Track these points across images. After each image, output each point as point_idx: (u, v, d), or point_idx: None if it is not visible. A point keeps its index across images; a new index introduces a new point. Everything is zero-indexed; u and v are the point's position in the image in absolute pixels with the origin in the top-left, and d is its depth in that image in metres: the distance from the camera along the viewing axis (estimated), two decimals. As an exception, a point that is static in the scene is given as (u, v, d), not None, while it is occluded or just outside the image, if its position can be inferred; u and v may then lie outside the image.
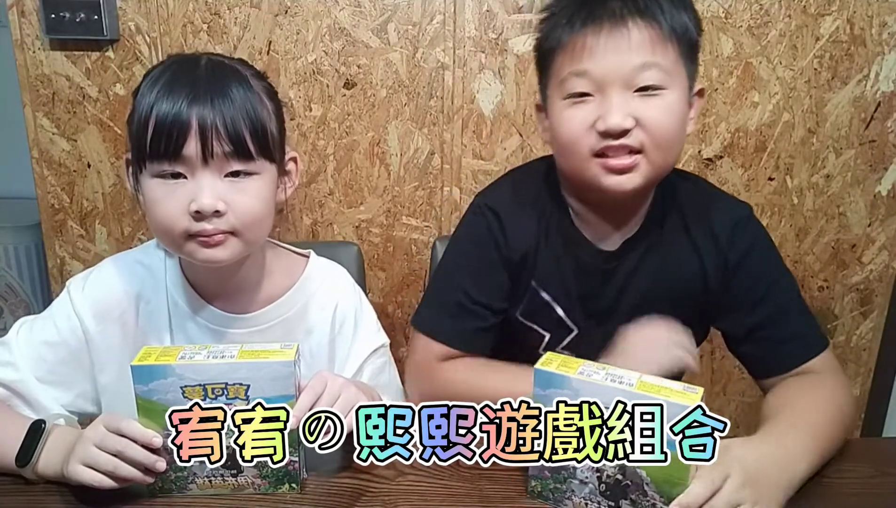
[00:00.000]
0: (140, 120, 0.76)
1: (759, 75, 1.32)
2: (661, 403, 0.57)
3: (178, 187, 0.77)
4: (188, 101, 0.75)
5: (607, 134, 0.75)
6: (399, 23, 1.28)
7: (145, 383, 0.64)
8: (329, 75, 1.30)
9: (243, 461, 0.63)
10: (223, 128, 0.75)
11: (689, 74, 0.79)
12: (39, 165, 1.35)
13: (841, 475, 0.74)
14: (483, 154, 1.35)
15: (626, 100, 0.75)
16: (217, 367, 0.65)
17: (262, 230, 0.84)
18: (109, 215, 1.38)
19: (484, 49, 1.29)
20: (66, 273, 1.42)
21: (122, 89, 1.31)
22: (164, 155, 0.75)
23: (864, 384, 1.51)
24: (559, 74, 0.79)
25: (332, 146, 1.34)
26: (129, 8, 1.27)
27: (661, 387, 0.60)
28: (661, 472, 0.59)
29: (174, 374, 0.64)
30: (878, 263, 1.44)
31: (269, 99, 0.83)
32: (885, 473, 0.75)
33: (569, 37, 0.77)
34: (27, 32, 1.28)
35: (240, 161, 0.78)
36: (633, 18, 0.75)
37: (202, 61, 0.81)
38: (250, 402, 0.63)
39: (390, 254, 1.41)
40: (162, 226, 0.77)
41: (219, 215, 0.76)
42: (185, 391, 0.65)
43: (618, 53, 0.75)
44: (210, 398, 0.65)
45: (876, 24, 1.29)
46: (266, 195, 0.82)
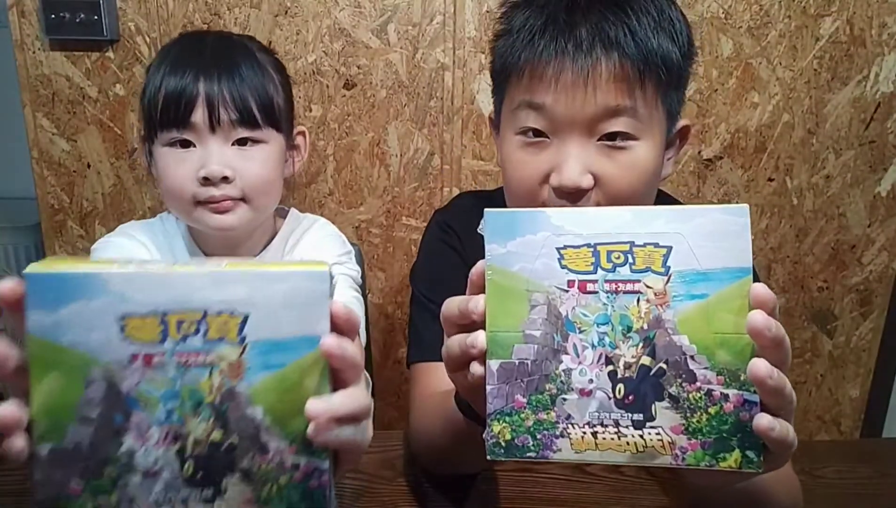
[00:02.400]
0: (151, 93, 0.81)
1: (758, 76, 1.32)
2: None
3: (188, 155, 0.81)
4: (195, 71, 0.80)
5: (560, 192, 0.64)
6: (399, 23, 1.28)
7: (51, 308, 0.36)
8: (329, 76, 1.30)
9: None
10: (229, 96, 0.80)
11: (669, 111, 0.68)
12: (39, 165, 1.35)
13: (841, 475, 0.74)
14: (483, 155, 1.35)
15: (585, 151, 0.64)
16: (190, 280, 0.37)
17: (270, 198, 0.87)
18: (109, 216, 1.38)
19: (484, 49, 1.29)
20: (65, 273, 1.41)
21: (122, 90, 1.31)
22: (172, 123, 0.80)
23: (864, 385, 1.51)
24: (512, 101, 0.69)
25: (332, 147, 1.34)
26: (129, 8, 1.27)
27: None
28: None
29: (106, 292, 0.36)
30: (877, 263, 1.44)
31: (275, 72, 0.88)
32: (885, 473, 0.75)
33: (527, 62, 0.66)
34: (27, 33, 1.28)
35: (246, 129, 0.82)
36: (605, 51, 0.63)
37: (209, 37, 0.86)
38: (248, 346, 0.37)
39: (390, 254, 1.41)
40: (172, 192, 0.82)
41: (227, 182, 0.80)
42: (127, 324, 0.37)
43: (582, 92, 0.63)
44: (173, 338, 0.37)
45: (876, 25, 1.29)
46: (273, 163, 0.85)
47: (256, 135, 0.82)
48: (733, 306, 0.39)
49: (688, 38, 0.68)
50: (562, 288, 0.41)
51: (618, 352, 0.41)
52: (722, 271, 0.39)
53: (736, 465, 0.39)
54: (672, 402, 0.40)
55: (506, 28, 0.71)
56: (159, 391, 0.38)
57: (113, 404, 0.38)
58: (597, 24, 0.63)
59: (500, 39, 0.72)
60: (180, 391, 0.38)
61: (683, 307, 0.40)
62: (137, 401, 0.38)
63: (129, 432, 0.38)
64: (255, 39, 0.92)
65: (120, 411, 0.38)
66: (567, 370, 0.41)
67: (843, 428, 1.54)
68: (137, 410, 0.38)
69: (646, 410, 0.40)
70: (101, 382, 0.37)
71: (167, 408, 0.38)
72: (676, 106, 0.70)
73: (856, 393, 1.51)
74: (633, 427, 0.40)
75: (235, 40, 0.87)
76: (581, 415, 0.41)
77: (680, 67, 0.67)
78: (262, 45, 0.91)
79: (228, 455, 0.38)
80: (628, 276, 0.40)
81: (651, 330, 0.40)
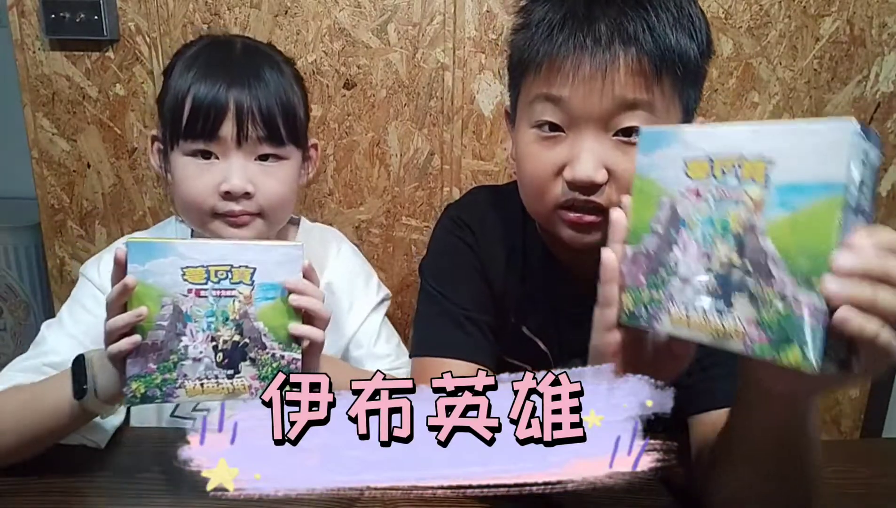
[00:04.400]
0: (177, 99, 0.80)
1: (758, 76, 1.31)
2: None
3: (210, 167, 0.80)
4: (226, 84, 0.78)
5: (574, 185, 0.66)
6: (399, 23, 1.28)
7: (142, 262, 0.60)
8: (329, 76, 1.30)
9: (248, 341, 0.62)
10: (258, 112, 0.79)
11: (685, 108, 0.68)
12: (39, 165, 1.35)
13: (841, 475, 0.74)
14: (483, 155, 1.35)
15: (601, 145, 0.65)
16: (222, 248, 0.62)
17: (285, 213, 0.88)
18: (109, 216, 1.38)
19: (484, 50, 1.29)
20: (65, 274, 1.41)
21: (121, 90, 1.31)
22: (199, 135, 0.79)
23: (864, 385, 1.51)
24: (529, 94, 0.69)
25: (332, 147, 1.34)
26: (129, 8, 1.27)
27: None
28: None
29: (175, 253, 0.60)
30: (877, 263, 1.44)
31: (297, 86, 0.88)
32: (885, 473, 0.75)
33: (545, 56, 0.66)
34: (27, 33, 1.28)
35: (271, 146, 0.82)
36: (624, 46, 0.63)
37: (237, 45, 0.84)
38: (255, 287, 0.62)
39: (390, 254, 1.41)
40: (190, 203, 0.81)
41: (248, 197, 0.80)
42: (186, 272, 0.60)
43: (599, 86, 0.63)
44: (213, 281, 0.61)
45: (876, 25, 1.29)
46: (291, 180, 0.86)
47: (280, 152, 0.82)
48: (820, 219, 0.41)
49: (707, 36, 0.68)
50: (682, 193, 0.48)
51: (714, 250, 0.46)
52: (816, 185, 0.41)
53: (795, 362, 0.41)
54: (751, 297, 0.44)
55: (524, 22, 0.71)
56: (202, 311, 0.62)
57: (177, 318, 0.61)
58: (615, 19, 0.64)
59: (517, 33, 0.72)
60: (215, 312, 0.62)
61: (774, 215, 0.43)
62: (191, 317, 0.62)
63: (185, 335, 0.62)
64: (277, 49, 0.90)
65: (181, 321, 0.61)
66: (676, 260, 0.48)
67: (843, 428, 1.54)
68: (191, 322, 0.62)
69: (728, 300, 0.45)
70: (170, 305, 0.61)
71: (208, 321, 0.62)
72: (693, 103, 0.70)
73: (856, 393, 1.51)
74: (717, 313, 0.45)
75: (263, 51, 0.85)
76: (680, 298, 0.48)
77: (697, 65, 0.67)
78: (285, 57, 0.89)
79: (241, 350, 0.63)
80: (734, 185, 0.45)
81: (744, 233, 0.44)
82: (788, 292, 0.42)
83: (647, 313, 0.50)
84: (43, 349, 0.79)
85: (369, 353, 0.91)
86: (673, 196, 0.49)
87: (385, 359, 0.91)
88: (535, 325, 0.83)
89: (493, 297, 0.82)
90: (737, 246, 0.44)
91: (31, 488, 0.69)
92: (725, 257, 0.45)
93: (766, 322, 0.43)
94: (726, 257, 0.45)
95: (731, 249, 0.45)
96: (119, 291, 0.60)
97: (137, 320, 0.60)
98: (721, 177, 0.46)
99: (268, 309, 0.63)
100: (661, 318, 0.49)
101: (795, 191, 0.42)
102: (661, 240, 0.49)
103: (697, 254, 0.47)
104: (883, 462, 0.77)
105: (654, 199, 0.50)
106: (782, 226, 0.42)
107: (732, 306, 0.45)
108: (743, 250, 0.44)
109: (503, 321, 0.83)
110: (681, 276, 0.48)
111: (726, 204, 0.45)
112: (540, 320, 0.82)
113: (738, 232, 0.44)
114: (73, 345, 0.79)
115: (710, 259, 0.46)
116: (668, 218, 0.49)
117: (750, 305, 0.44)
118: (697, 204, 0.47)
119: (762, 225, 0.43)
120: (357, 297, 0.94)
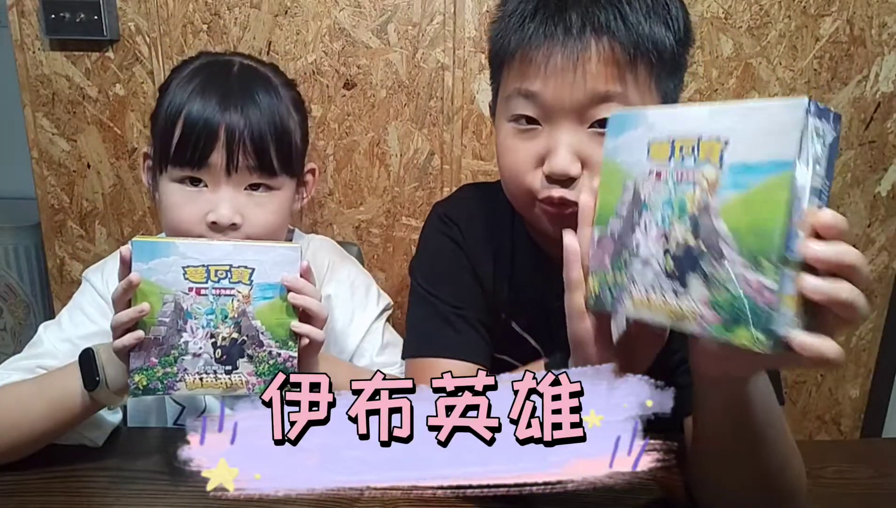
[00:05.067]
0: (168, 121, 0.77)
1: (758, 76, 1.32)
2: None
3: (198, 196, 0.78)
4: (219, 109, 0.76)
5: (552, 178, 0.66)
6: (399, 23, 1.28)
7: (146, 260, 0.62)
8: (329, 76, 1.30)
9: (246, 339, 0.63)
10: (249, 140, 0.76)
11: (664, 98, 0.67)
12: (39, 165, 1.35)
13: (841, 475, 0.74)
14: (483, 154, 1.35)
15: (576, 137, 0.64)
16: (222, 248, 0.64)
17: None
18: (109, 216, 1.38)
19: (484, 50, 1.29)
20: (65, 274, 1.41)
21: (121, 90, 1.31)
22: (188, 162, 0.76)
23: (864, 385, 1.51)
24: (505, 89, 0.69)
25: (332, 147, 1.34)
26: (129, 8, 1.27)
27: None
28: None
29: (177, 252, 0.62)
30: (877, 263, 1.44)
31: (295, 110, 0.84)
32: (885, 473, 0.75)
33: (517, 48, 0.66)
34: (27, 33, 1.28)
35: (262, 176, 0.79)
36: (596, 35, 0.62)
37: (235, 66, 0.81)
38: (253, 286, 0.63)
39: (390, 254, 1.41)
40: (176, 231, 0.78)
41: (234, 228, 0.78)
42: (188, 271, 0.63)
43: (571, 78, 0.63)
44: (213, 280, 0.63)
45: (876, 25, 1.29)
46: (282, 210, 0.83)
47: (271, 182, 0.80)
48: (769, 197, 0.41)
49: (684, 25, 0.67)
50: (644, 175, 0.48)
51: (672, 231, 0.46)
52: (766, 164, 0.41)
53: (747, 342, 0.41)
54: (704, 278, 0.44)
55: (500, 14, 0.71)
56: (203, 309, 0.64)
57: (178, 315, 0.63)
58: (587, 8, 0.63)
59: (494, 24, 0.72)
60: (214, 310, 0.64)
61: (727, 196, 0.43)
62: (191, 314, 0.63)
63: (186, 331, 0.63)
64: (279, 70, 0.87)
65: (181, 319, 0.63)
66: (637, 242, 0.48)
67: (843, 428, 1.54)
68: (191, 319, 0.64)
69: (683, 282, 0.45)
70: (172, 303, 0.63)
71: (207, 318, 0.64)
72: (673, 94, 0.69)
73: (856, 393, 1.51)
74: (674, 295, 0.45)
75: (261, 73, 0.82)
76: (641, 280, 0.48)
77: (674, 53, 0.66)
78: (286, 79, 0.86)
79: (239, 347, 0.64)
80: (691, 166, 0.45)
81: (699, 214, 0.44)
82: (738, 272, 0.41)
83: (612, 297, 0.50)
84: (39, 350, 0.79)
85: (372, 363, 0.90)
86: (636, 179, 0.48)
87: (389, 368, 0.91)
88: (526, 322, 0.82)
89: (483, 294, 0.82)
90: (692, 227, 0.44)
91: (30, 487, 0.69)
92: (682, 239, 0.45)
93: (718, 303, 0.43)
94: (682, 238, 0.45)
95: (686, 230, 0.45)
96: (124, 287, 0.62)
97: (140, 315, 0.62)
98: (679, 158, 0.46)
99: (265, 308, 0.65)
100: (624, 301, 0.49)
101: (747, 170, 0.42)
102: (624, 223, 0.49)
103: (657, 236, 0.47)
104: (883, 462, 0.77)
105: (619, 182, 0.50)
106: (734, 206, 0.42)
107: (687, 286, 0.44)
108: (698, 231, 0.44)
109: (494, 319, 0.82)
110: (642, 258, 0.48)
111: (684, 186, 0.45)
112: (530, 316, 0.82)
113: (693, 213, 0.44)
114: (70, 349, 0.79)
115: (667, 241, 0.46)
116: (631, 201, 0.49)
117: (703, 286, 0.43)
118: (657, 186, 0.47)
119: (715, 206, 0.43)
120: (358, 308, 0.93)
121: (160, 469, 0.72)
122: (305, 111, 0.88)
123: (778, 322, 0.40)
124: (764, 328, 0.40)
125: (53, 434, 0.71)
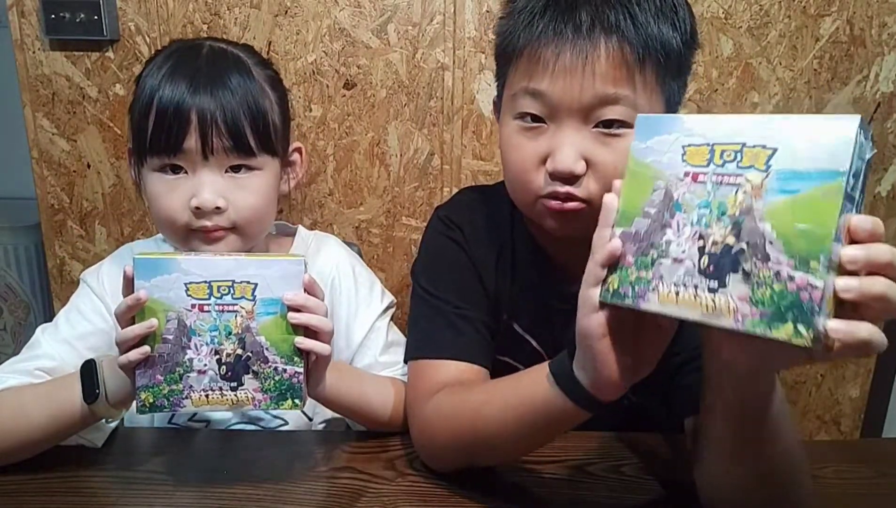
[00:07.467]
0: (141, 111, 0.77)
1: (758, 76, 1.32)
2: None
3: (179, 183, 0.77)
4: (188, 93, 0.75)
5: (555, 176, 0.66)
6: (399, 23, 1.28)
7: (148, 278, 0.62)
8: (329, 76, 1.30)
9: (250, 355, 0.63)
10: (223, 122, 0.76)
11: (668, 100, 0.68)
12: (39, 165, 1.35)
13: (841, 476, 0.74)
14: (483, 155, 1.35)
15: (581, 137, 0.65)
16: (224, 264, 0.63)
17: (262, 225, 0.84)
18: (109, 216, 1.38)
19: (484, 50, 1.29)
20: (65, 274, 1.41)
21: (122, 89, 1.31)
22: (164, 150, 0.76)
23: (864, 385, 1.51)
24: (512, 86, 0.70)
25: (332, 147, 1.34)
26: (129, 8, 1.27)
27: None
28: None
29: (178, 269, 0.62)
30: (877, 263, 1.44)
31: (271, 88, 0.83)
32: (885, 473, 0.75)
33: (526, 46, 0.66)
34: (27, 33, 1.28)
35: (240, 156, 0.78)
36: (605, 35, 0.63)
37: (203, 49, 0.81)
38: (256, 302, 0.63)
39: (390, 254, 1.41)
40: (164, 221, 0.79)
41: (219, 212, 0.77)
42: (190, 288, 0.62)
43: (579, 78, 0.63)
44: (215, 296, 0.63)
45: (876, 25, 1.29)
46: (267, 190, 0.82)
47: (251, 162, 0.79)
48: (820, 204, 0.43)
49: (690, 27, 0.68)
50: (678, 177, 0.49)
51: (709, 231, 0.47)
52: (816, 172, 0.44)
53: (787, 337, 0.43)
54: (744, 276, 0.45)
55: (508, 10, 0.71)
56: (206, 325, 0.63)
57: (181, 332, 0.63)
58: (597, 7, 0.64)
59: (501, 22, 0.72)
60: (218, 326, 0.63)
61: (774, 200, 0.45)
62: (195, 331, 0.63)
63: (190, 348, 0.63)
64: (252, 51, 0.86)
65: (185, 336, 0.63)
66: (668, 241, 0.49)
67: (843, 428, 1.54)
68: (195, 336, 0.63)
69: (721, 279, 0.46)
70: (175, 320, 0.63)
71: (211, 335, 0.63)
72: (677, 96, 0.70)
73: (856, 393, 1.51)
74: (709, 291, 0.47)
75: (231, 54, 0.81)
76: (670, 277, 0.49)
77: (681, 55, 0.67)
78: (260, 59, 0.85)
79: (244, 363, 0.64)
80: (734, 171, 0.47)
81: (741, 216, 0.46)
82: (784, 272, 0.43)
83: (634, 292, 0.51)
84: (36, 352, 0.79)
85: (376, 362, 0.90)
86: (668, 180, 0.50)
87: (392, 367, 0.90)
88: (527, 323, 0.83)
89: (485, 295, 0.82)
90: (733, 228, 0.46)
91: (30, 487, 0.69)
92: (721, 239, 0.47)
93: (759, 299, 0.44)
94: (721, 238, 0.47)
95: (726, 230, 0.46)
96: (130, 303, 0.61)
97: (149, 331, 0.62)
98: (720, 162, 0.48)
99: (270, 324, 0.64)
100: (649, 296, 0.50)
101: (797, 177, 0.44)
102: (653, 222, 0.51)
103: (691, 235, 0.48)
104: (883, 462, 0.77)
105: (648, 183, 0.51)
106: (781, 210, 0.44)
107: (726, 284, 0.46)
108: (740, 232, 0.46)
109: (496, 320, 0.82)
110: (673, 256, 0.49)
111: (724, 188, 0.47)
112: (532, 317, 0.82)
113: (734, 215, 0.46)
114: (67, 351, 0.79)
115: (704, 241, 0.48)
116: (661, 201, 0.50)
117: (743, 283, 0.45)
118: (694, 188, 0.49)
119: (761, 208, 0.45)
120: (361, 305, 0.93)
121: (160, 469, 0.73)
122: (284, 89, 0.87)
123: (820, 319, 0.42)
124: (806, 323, 0.42)
125: (52, 441, 0.71)
